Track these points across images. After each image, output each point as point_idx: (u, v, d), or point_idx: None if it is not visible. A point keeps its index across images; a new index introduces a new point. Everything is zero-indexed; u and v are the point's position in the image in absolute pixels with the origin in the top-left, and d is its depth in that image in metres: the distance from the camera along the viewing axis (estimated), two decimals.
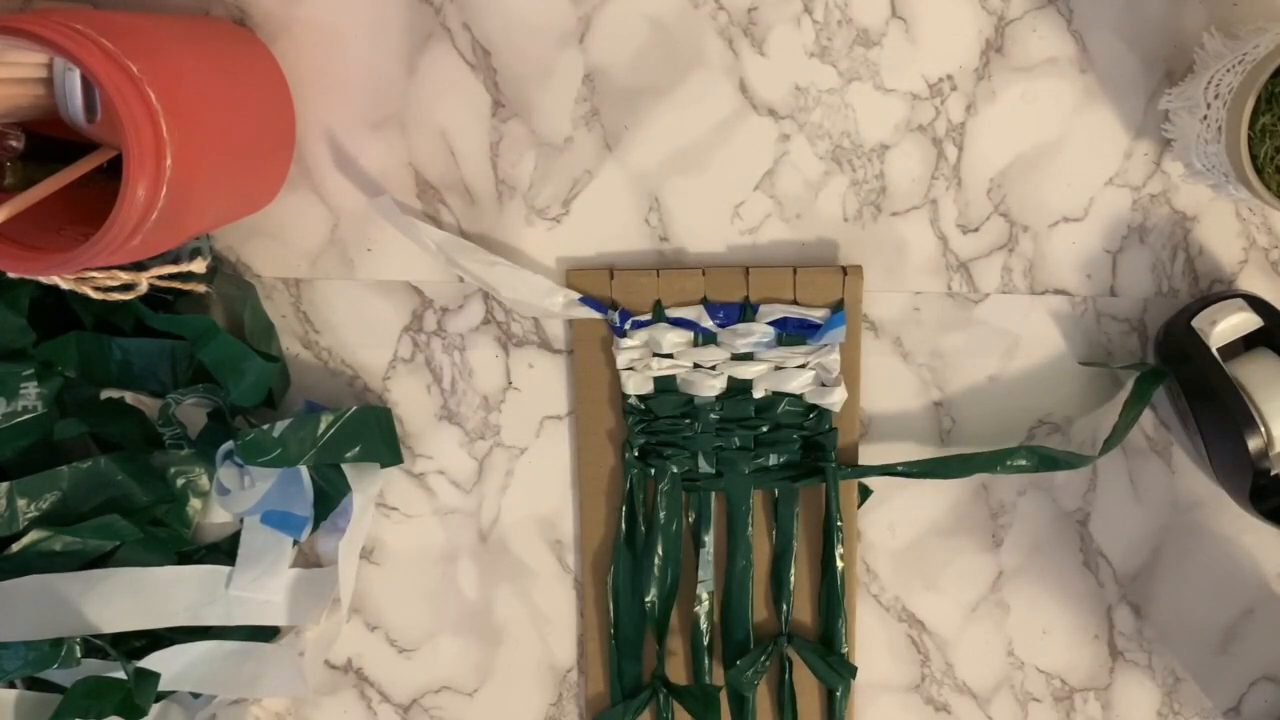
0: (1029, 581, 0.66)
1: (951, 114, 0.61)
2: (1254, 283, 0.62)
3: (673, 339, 0.63)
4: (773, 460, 0.64)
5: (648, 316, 0.63)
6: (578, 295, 0.63)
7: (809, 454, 0.64)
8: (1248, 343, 0.60)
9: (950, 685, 0.68)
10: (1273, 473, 0.58)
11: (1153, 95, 0.60)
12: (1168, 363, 0.61)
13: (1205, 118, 0.55)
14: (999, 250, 0.63)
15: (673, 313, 0.63)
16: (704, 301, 0.63)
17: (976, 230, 0.63)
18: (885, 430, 0.65)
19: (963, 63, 0.61)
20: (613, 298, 0.64)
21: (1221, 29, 0.58)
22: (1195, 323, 0.59)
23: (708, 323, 0.63)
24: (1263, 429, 0.57)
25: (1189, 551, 0.65)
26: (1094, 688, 0.67)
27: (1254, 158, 0.52)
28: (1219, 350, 0.59)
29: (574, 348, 0.65)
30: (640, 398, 0.64)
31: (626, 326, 0.63)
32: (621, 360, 0.64)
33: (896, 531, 0.66)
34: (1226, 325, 0.59)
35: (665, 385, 0.64)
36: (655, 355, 0.64)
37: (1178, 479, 0.65)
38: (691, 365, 0.64)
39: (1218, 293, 0.61)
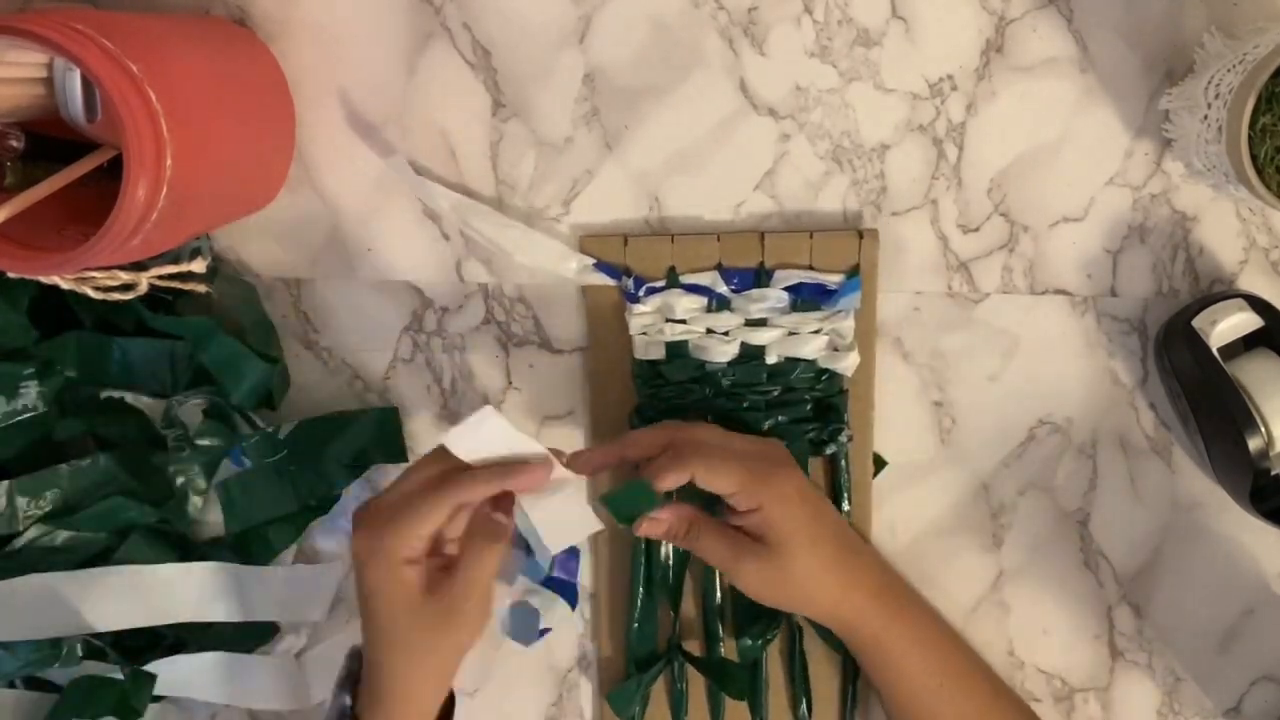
0: (1029, 581, 0.66)
1: (952, 114, 0.61)
2: (1254, 283, 0.62)
3: (686, 304, 0.63)
4: (782, 420, 0.64)
5: (662, 282, 0.63)
6: (591, 261, 0.63)
7: (820, 416, 0.64)
8: (1248, 343, 0.60)
9: None
10: (1273, 473, 0.58)
11: (1153, 95, 0.60)
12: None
13: (1205, 118, 0.55)
14: (999, 250, 0.63)
15: (687, 279, 0.63)
16: (719, 267, 0.63)
17: (977, 230, 0.63)
18: (885, 430, 0.65)
19: (963, 63, 0.61)
20: (626, 264, 0.63)
21: (1222, 29, 0.58)
22: (1195, 323, 0.59)
23: (722, 288, 0.63)
24: (1263, 429, 0.57)
25: (1189, 551, 0.65)
26: (1094, 688, 0.67)
27: (1254, 158, 0.52)
28: (1219, 350, 0.58)
29: (586, 314, 0.65)
30: (651, 363, 0.64)
31: (640, 292, 0.63)
32: (634, 326, 0.63)
33: (897, 531, 0.66)
34: (1226, 325, 0.59)
35: (677, 351, 0.64)
36: (668, 321, 0.63)
37: (1178, 479, 0.65)
38: (704, 330, 0.63)
39: (1218, 293, 0.61)
